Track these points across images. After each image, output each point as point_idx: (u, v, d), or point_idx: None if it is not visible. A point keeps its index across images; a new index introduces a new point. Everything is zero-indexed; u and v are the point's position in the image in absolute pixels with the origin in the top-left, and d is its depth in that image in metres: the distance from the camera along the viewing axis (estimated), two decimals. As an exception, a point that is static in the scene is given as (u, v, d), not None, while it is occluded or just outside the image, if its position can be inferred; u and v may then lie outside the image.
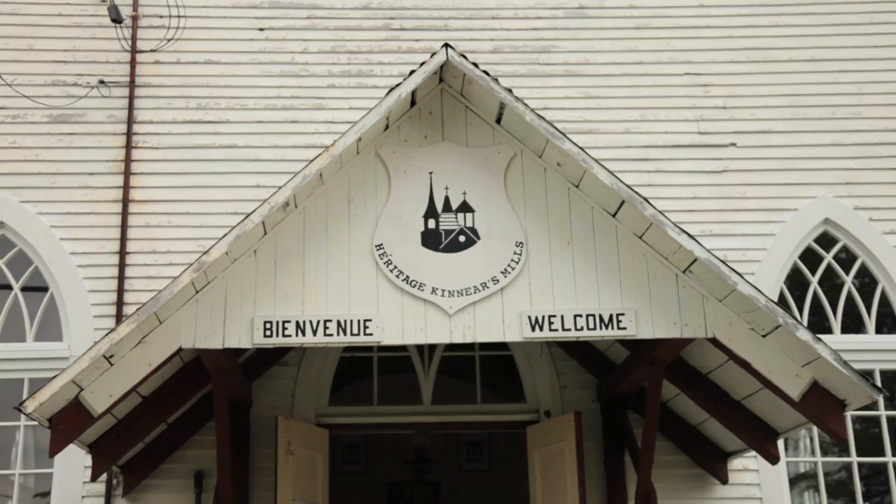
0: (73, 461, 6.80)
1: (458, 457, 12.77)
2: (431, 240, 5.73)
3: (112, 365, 5.40)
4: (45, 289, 7.36)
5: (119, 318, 7.06)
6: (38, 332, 7.28)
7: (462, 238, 5.74)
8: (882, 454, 7.26)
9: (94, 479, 6.19)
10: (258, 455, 6.89)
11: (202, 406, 6.69)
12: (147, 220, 7.49)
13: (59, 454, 5.64)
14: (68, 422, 5.39)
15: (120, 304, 7.22)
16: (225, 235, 5.45)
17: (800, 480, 7.40)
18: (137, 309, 5.41)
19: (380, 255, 5.68)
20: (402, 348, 7.20)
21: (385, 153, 5.86)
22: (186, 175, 7.62)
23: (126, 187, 7.53)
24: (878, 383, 7.03)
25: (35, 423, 5.59)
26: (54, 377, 5.38)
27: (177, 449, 6.87)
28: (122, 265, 7.33)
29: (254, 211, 5.50)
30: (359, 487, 11.63)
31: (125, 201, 7.49)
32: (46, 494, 6.98)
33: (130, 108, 7.73)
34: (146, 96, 7.80)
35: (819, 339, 5.42)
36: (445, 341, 5.64)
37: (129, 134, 7.67)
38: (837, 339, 7.17)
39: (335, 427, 7.13)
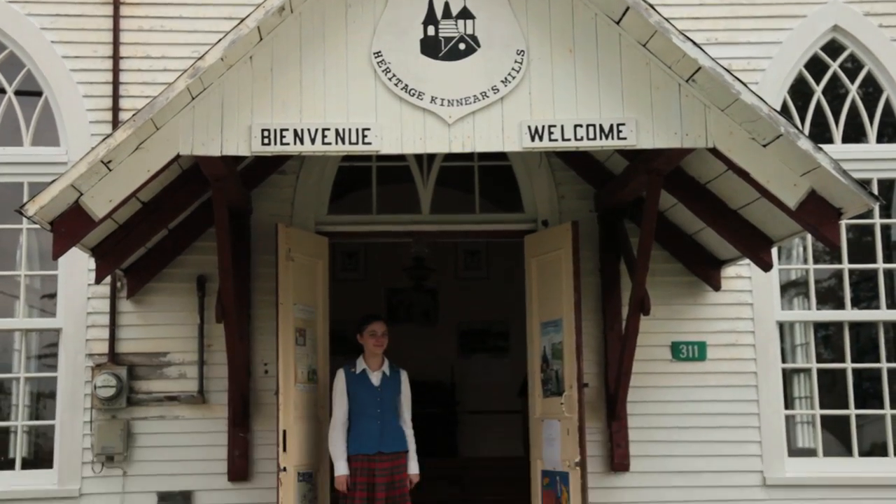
0: (77, 264, 6.92)
1: (456, 265, 13.02)
2: (431, 47, 5.61)
3: (110, 170, 5.40)
4: (39, 93, 7.26)
5: (115, 123, 6.99)
6: (35, 137, 7.22)
7: (462, 46, 5.62)
8: (873, 261, 7.40)
9: (97, 281, 6.34)
10: (259, 261, 7.01)
11: (202, 213, 6.75)
12: (139, 23, 7.29)
13: (62, 257, 5.76)
14: (69, 225, 5.45)
15: (116, 109, 7.14)
16: (220, 40, 5.34)
17: (790, 287, 7.58)
18: (133, 115, 5.37)
19: (378, 63, 5.58)
20: (401, 158, 7.18)
21: (383, -45, 5.65)
22: (178, -24, 7.38)
23: (116, -13, 7.30)
24: (875, 191, 7.09)
25: (37, 226, 5.65)
26: (53, 181, 5.40)
27: (178, 254, 6.97)
28: (115, 70, 7.19)
29: (249, 15, 5.37)
30: (358, 293, 11.88)
31: (116, 3, 7.24)
32: (53, 296, 7.16)
33: None
34: None
35: (819, 149, 5.42)
36: (444, 151, 5.62)
37: (115, -71, 7.36)
38: (838, 149, 7.15)
39: (334, 235, 7.21)
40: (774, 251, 6.68)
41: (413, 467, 6.40)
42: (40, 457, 7.13)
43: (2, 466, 7.04)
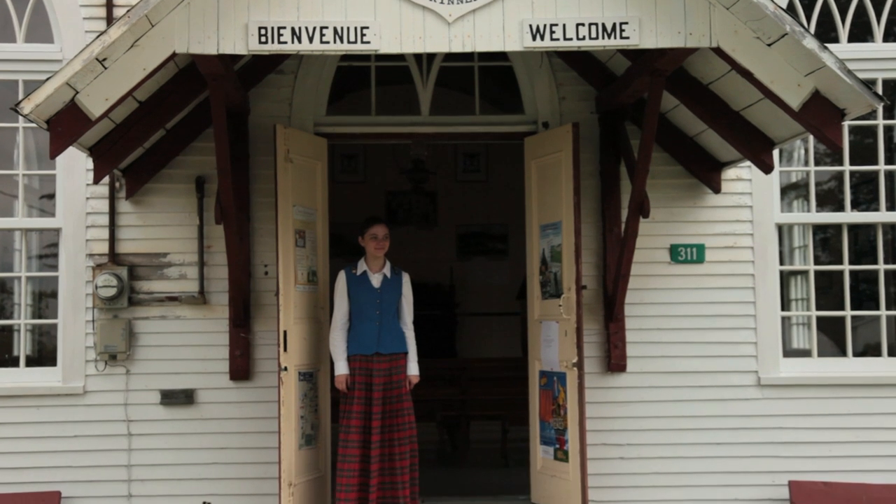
0: (76, 164, 6.90)
1: (455, 168, 13.00)
2: (430, -60, 5.47)
3: (106, 68, 5.32)
4: (30, -12, 7.14)
5: (109, 20, 6.85)
6: (28, 34, 7.08)
7: (462, -61, 5.48)
8: (874, 163, 7.35)
9: (96, 181, 6.30)
10: (257, 163, 6.98)
11: (200, 113, 6.69)
12: (129, -84, 7.11)
13: (60, 156, 5.72)
14: (66, 124, 5.39)
15: (110, 5, 6.97)
16: (214, -67, 5.23)
17: (790, 190, 7.57)
18: (127, 11, 5.25)
19: (377, -42, 5.46)
20: (401, 58, 7.09)
21: None
22: None
23: None
24: (880, 92, 7.01)
25: (34, 125, 5.61)
26: (48, 79, 5.32)
27: (177, 155, 6.93)
28: (108, -36, 7.06)
29: None
30: (358, 196, 11.90)
31: None
32: (52, 196, 7.14)
33: None
34: None
35: (825, 48, 5.33)
36: (444, 50, 5.51)
37: None
38: (843, 48, 7.05)
39: (333, 136, 7.16)
40: (775, 153, 6.64)
41: (413, 368, 6.48)
42: (44, 355, 7.22)
43: (6, 364, 7.15)
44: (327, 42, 5.42)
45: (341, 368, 6.35)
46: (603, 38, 5.46)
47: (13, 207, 7.16)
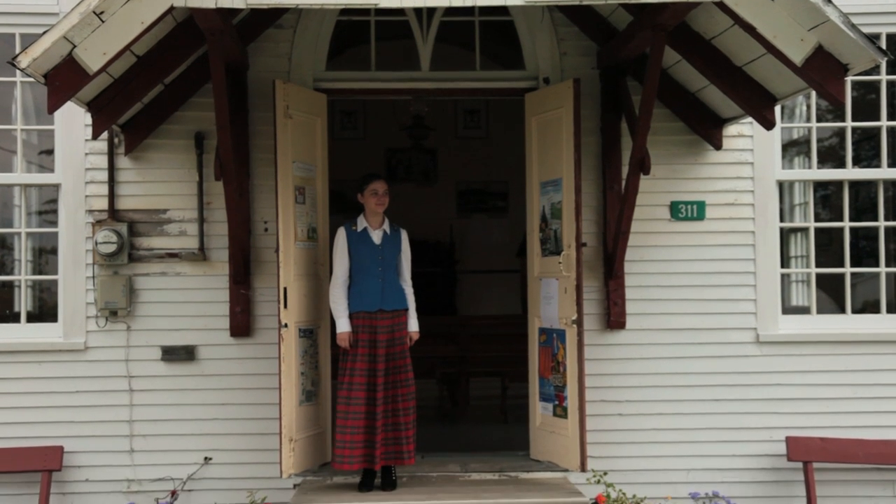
0: (74, 119, 6.87)
1: (455, 124, 12.93)
2: None
3: (103, 22, 5.27)
4: (24, -58, 7.05)
5: (106, -27, 6.81)
6: (24, -12, 7.07)
7: None
8: (876, 119, 7.31)
9: (94, 136, 6.27)
10: (257, 119, 6.94)
11: (199, 68, 6.65)
12: None
13: (59, 112, 5.69)
14: (64, 78, 5.36)
15: (106, -42, 6.94)
16: None
17: (791, 147, 7.54)
18: (124, -37, 5.22)
19: (376, -87, 5.38)
20: (401, 13, 7.03)
21: None
22: None
23: None
24: (883, 46, 6.96)
25: (32, 79, 5.57)
26: (45, 32, 5.29)
27: (175, 110, 6.89)
28: (104, -82, 6.96)
29: None
30: (357, 152, 11.86)
31: None
32: (51, 152, 7.11)
33: None
34: None
35: (829, 2, 5.29)
36: (444, 5, 5.46)
37: None
38: (847, 2, 6.92)
39: (333, 92, 7.11)
40: (777, 109, 6.60)
41: (413, 325, 6.48)
42: (45, 311, 7.24)
43: (7, 320, 7.16)
44: (326, -5, 5.37)
45: (344, 326, 6.34)
46: (605, -10, 5.41)
47: (12, 163, 7.14)
